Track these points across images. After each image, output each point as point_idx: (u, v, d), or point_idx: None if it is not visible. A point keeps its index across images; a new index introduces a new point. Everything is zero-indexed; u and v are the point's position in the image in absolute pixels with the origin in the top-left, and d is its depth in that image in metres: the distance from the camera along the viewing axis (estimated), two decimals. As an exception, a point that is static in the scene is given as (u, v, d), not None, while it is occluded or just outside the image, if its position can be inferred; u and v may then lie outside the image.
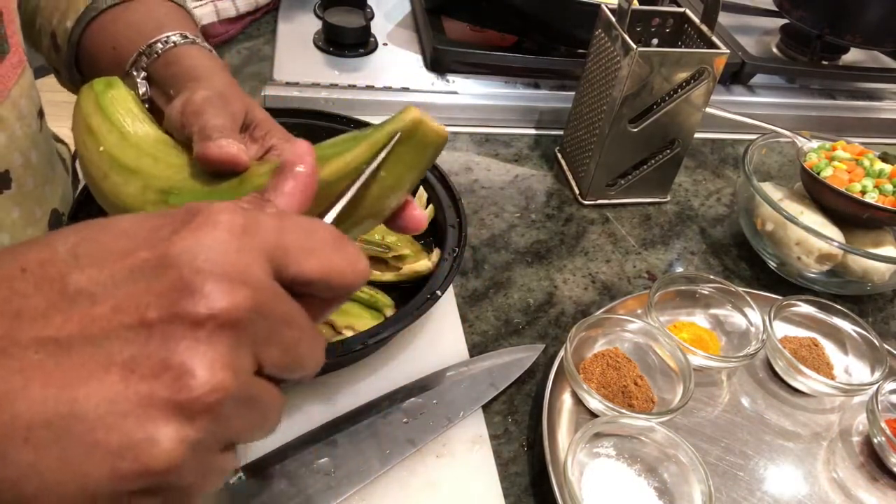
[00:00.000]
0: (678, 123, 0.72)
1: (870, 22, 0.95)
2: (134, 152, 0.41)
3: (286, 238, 0.25)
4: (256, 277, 0.23)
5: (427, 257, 0.59)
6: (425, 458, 0.50)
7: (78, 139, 0.44)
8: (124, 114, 0.43)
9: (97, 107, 0.43)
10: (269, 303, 0.24)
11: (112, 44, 0.50)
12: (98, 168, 0.41)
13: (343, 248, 0.26)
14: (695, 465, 0.49)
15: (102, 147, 0.42)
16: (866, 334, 0.62)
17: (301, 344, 0.25)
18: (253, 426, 0.25)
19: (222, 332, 0.22)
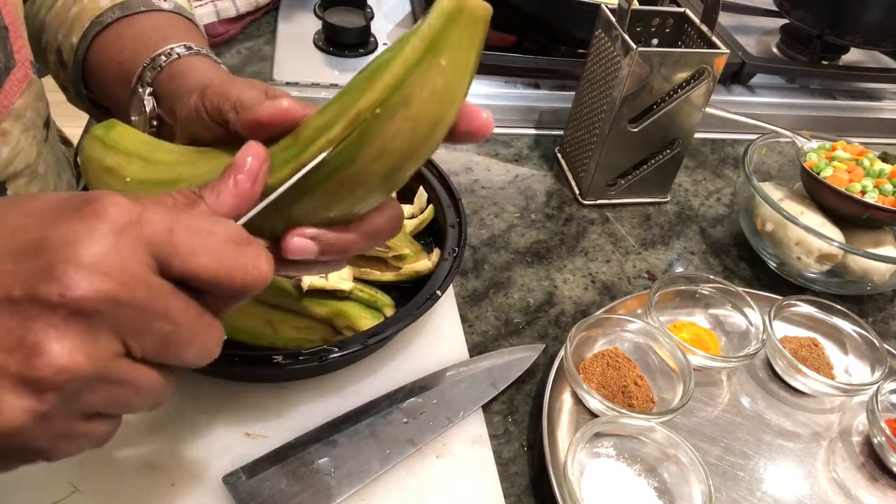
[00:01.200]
0: (678, 123, 0.72)
1: (870, 22, 0.95)
2: (165, 167, 0.39)
3: (176, 237, 0.26)
4: (127, 271, 0.25)
5: (427, 257, 0.59)
6: (425, 458, 0.50)
7: (96, 186, 0.41)
8: (137, 143, 0.41)
9: (106, 147, 0.41)
10: (139, 297, 0.25)
11: (117, 59, 0.49)
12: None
13: (239, 251, 0.28)
14: (695, 465, 0.49)
15: (128, 178, 0.39)
16: (866, 334, 0.62)
17: (178, 336, 0.27)
18: (121, 402, 0.27)
19: (78, 318, 0.24)
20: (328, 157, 0.32)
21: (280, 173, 0.33)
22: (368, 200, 0.35)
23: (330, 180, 0.33)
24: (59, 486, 0.45)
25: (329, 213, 0.35)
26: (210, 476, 0.47)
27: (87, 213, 0.25)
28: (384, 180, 0.33)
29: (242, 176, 0.32)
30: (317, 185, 0.33)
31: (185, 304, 0.27)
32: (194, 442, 0.49)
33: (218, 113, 0.37)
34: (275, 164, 0.34)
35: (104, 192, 0.26)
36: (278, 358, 0.47)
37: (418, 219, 0.64)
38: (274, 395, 0.52)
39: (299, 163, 0.33)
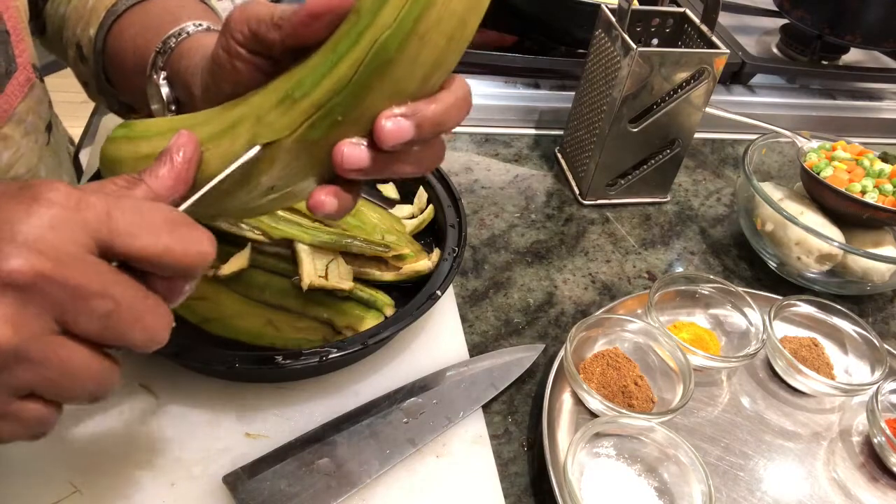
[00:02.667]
0: (678, 123, 0.72)
1: (870, 22, 0.95)
2: (217, 118, 0.36)
3: (115, 219, 0.27)
4: (63, 250, 0.26)
5: (427, 257, 0.59)
6: (425, 458, 0.50)
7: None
8: (166, 124, 0.39)
9: (134, 140, 0.39)
10: (73, 275, 0.26)
11: (132, 47, 0.49)
12: None
13: (179, 231, 0.29)
14: (695, 465, 0.49)
15: None
16: (866, 334, 0.62)
17: (119, 316, 0.27)
18: (55, 383, 0.27)
19: (8, 292, 0.25)
20: (402, 16, 0.30)
21: (355, 52, 0.31)
22: (445, 61, 0.32)
23: (409, 40, 0.31)
24: (59, 486, 0.45)
25: (411, 85, 0.32)
26: (210, 476, 0.47)
27: (25, 198, 0.26)
28: (458, 27, 0.31)
29: (177, 156, 0.33)
30: (394, 55, 0.31)
31: (126, 284, 0.28)
32: (194, 442, 0.49)
33: (254, 40, 0.35)
34: (342, 49, 0.32)
35: (44, 180, 0.27)
36: (278, 358, 0.47)
37: (418, 219, 0.64)
38: (274, 395, 0.52)
39: (371, 37, 0.31)
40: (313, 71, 0.33)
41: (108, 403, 0.50)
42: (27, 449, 0.46)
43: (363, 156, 0.33)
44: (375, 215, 0.60)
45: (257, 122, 0.34)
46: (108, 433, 0.48)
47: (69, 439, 0.47)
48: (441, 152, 0.37)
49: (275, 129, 0.34)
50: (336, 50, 0.32)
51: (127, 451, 0.47)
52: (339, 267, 0.57)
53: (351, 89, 0.32)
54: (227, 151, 0.35)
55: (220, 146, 0.35)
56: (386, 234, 0.58)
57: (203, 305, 0.54)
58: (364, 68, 0.31)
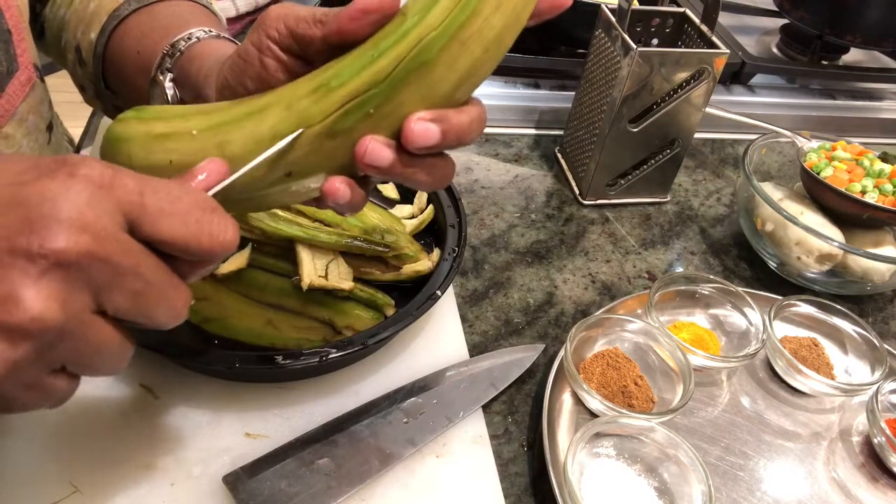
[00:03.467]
0: (678, 123, 0.72)
1: (870, 22, 0.95)
2: (240, 105, 0.36)
3: (146, 199, 0.27)
4: (102, 227, 0.26)
5: (427, 257, 0.59)
6: (425, 458, 0.50)
7: (149, 159, 0.37)
8: (180, 108, 0.38)
9: (147, 120, 0.37)
10: (113, 252, 0.26)
11: (136, 48, 0.49)
12: (205, 150, 0.35)
13: (207, 217, 0.29)
14: (695, 465, 0.49)
15: (194, 130, 0.36)
16: (866, 334, 0.62)
17: (148, 294, 0.28)
18: (85, 358, 0.28)
19: (56, 270, 0.25)
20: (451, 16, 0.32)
21: (399, 48, 0.32)
22: (478, 72, 0.34)
23: (451, 44, 0.32)
24: (59, 486, 0.45)
25: (443, 89, 0.33)
26: (210, 476, 0.47)
27: (61, 174, 0.26)
28: (495, 41, 0.33)
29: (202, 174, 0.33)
30: (436, 56, 0.32)
31: (155, 263, 0.28)
32: (194, 442, 0.49)
33: (290, 38, 0.36)
34: (385, 45, 0.33)
35: (77, 156, 0.27)
36: (278, 358, 0.47)
37: (418, 219, 0.64)
38: (274, 395, 0.52)
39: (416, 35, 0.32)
40: (352, 63, 0.34)
41: (108, 403, 0.50)
42: (27, 449, 0.46)
43: (385, 154, 0.34)
44: (375, 215, 0.60)
45: (287, 109, 0.35)
46: (108, 433, 0.48)
47: (69, 439, 0.47)
48: (451, 171, 0.37)
49: (305, 115, 0.34)
50: (378, 46, 0.33)
51: (127, 451, 0.47)
52: (339, 267, 0.57)
53: (388, 83, 0.33)
54: (252, 132, 0.35)
55: (244, 128, 0.35)
56: (386, 234, 0.58)
57: (203, 305, 0.54)
58: (405, 65, 0.32)
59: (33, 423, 0.48)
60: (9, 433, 0.47)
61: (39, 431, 0.47)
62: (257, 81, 0.37)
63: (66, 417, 0.48)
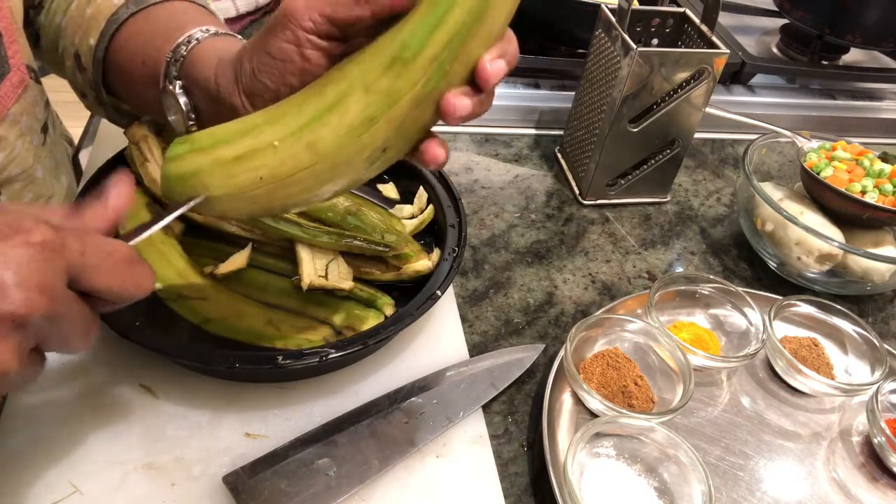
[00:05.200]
0: (678, 123, 0.72)
1: (870, 22, 0.95)
2: (308, 104, 0.37)
3: (85, 258, 0.32)
4: (52, 288, 0.30)
5: (427, 257, 0.59)
6: (425, 458, 0.50)
7: (233, 183, 0.37)
8: (236, 125, 0.38)
9: (206, 149, 0.38)
10: (59, 308, 0.31)
11: (140, 58, 0.49)
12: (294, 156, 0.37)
13: (132, 269, 0.34)
14: (695, 465, 0.49)
15: (276, 142, 0.37)
16: (866, 334, 0.62)
17: (74, 332, 0.33)
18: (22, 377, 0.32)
19: (15, 328, 0.29)
20: None
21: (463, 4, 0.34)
22: (516, 3, 0.36)
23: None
24: (59, 486, 0.45)
25: (498, 26, 0.36)
26: (210, 476, 0.47)
27: (17, 242, 0.30)
28: None
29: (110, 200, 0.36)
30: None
31: (81, 308, 0.33)
32: (194, 442, 0.49)
33: (330, 24, 0.37)
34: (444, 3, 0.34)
35: (27, 219, 0.31)
36: (278, 358, 0.47)
37: (418, 219, 0.64)
38: (274, 395, 0.52)
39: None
40: (417, 30, 0.35)
41: (108, 403, 0.50)
42: (27, 449, 0.46)
43: (468, 103, 0.36)
44: (375, 215, 0.60)
45: (368, 91, 0.35)
46: (108, 433, 0.48)
47: (69, 439, 0.47)
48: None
49: (391, 92, 0.35)
50: (437, 5, 0.34)
51: (127, 451, 0.47)
52: (339, 267, 0.57)
53: (460, 39, 0.35)
54: (341, 124, 0.36)
55: (329, 123, 0.36)
56: (386, 234, 0.58)
57: (203, 305, 0.54)
58: (470, 16, 0.34)
59: (33, 424, 0.48)
60: (9, 433, 0.47)
61: (39, 431, 0.47)
62: (301, 75, 0.38)
63: (67, 417, 0.48)
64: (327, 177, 0.38)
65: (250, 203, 0.38)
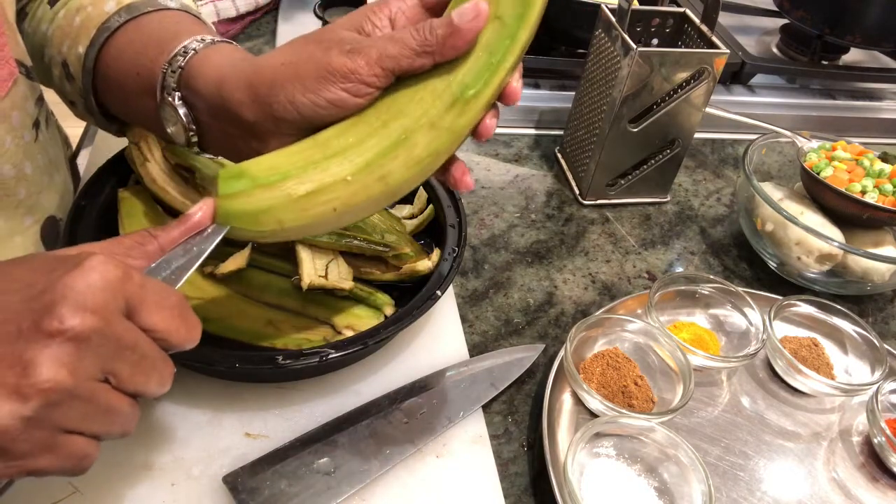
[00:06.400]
0: (678, 123, 0.72)
1: (870, 22, 0.95)
2: (369, 139, 0.40)
3: (145, 293, 0.33)
4: (109, 311, 0.31)
5: (427, 257, 0.59)
6: (425, 458, 0.50)
7: (306, 217, 0.39)
8: (290, 156, 0.40)
9: (269, 184, 0.38)
10: (116, 330, 0.32)
11: (135, 70, 0.48)
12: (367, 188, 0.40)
13: (184, 316, 0.35)
14: (695, 465, 0.49)
15: (348, 176, 0.39)
16: (866, 334, 0.62)
17: (144, 365, 0.33)
18: (97, 422, 0.33)
19: (69, 343, 0.30)
20: None
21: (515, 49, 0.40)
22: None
23: (533, 31, 0.41)
24: (59, 486, 0.45)
25: (521, 55, 0.42)
26: (210, 476, 0.47)
27: (83, 269, 0.31)
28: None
29: (194, 220, 0.38)
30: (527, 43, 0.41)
31: (148, 341, 0.34)
32: (194, 442, 0.49)
33: (393, 72, 0.39)
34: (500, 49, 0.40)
35: (93, 252, 0.33)
36: (278, 358, 0.47)
37: (418, 219, 0.64)
38: (274, 395, 0.52)
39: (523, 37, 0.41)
40: (479, 74, 0.40)
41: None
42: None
43: (495, 123, 0.43)
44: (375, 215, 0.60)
45: (433, 128, 0.40)
46: (108, 433, 0.48)
47: (69, 439, 0.47)
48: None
49: (454, 129, 0.41)
50: (493, 52, 0.40)
51: (127, 451, 0.47)
52: (339, 267, 0.57)
53: (506, 78, 0.41)
54: (409, 158, 0.40)
55: (398, 157, 0.40)
56: (386, 234, 0.58)
57: (203, 305, 0.54)
58: (517, 59, 0.41)
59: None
60: (9, 433, 0.47)
61: (39, 431, 0.47)
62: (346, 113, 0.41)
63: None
64: (390, 200, 0.43)
65: (314, 229, 0.41)
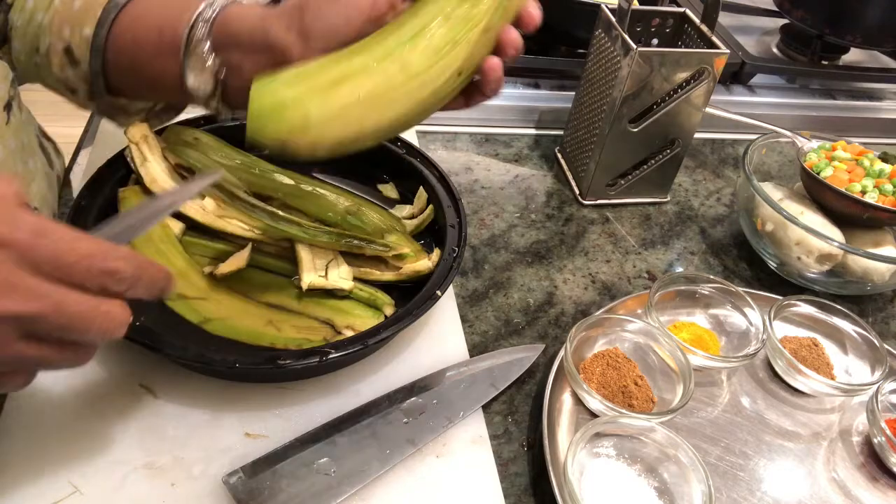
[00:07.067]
0: (678, 123, 0.72)
1: (870, 22, 0.95)
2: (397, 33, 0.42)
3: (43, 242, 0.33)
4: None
5: (427, 257, 0.59)
6: (425, 458, 0.50)
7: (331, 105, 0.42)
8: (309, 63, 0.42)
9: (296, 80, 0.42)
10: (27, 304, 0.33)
11: (157, 29, 0.48)
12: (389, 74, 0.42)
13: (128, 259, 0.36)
14: (695, 465, 0.49)
15: (374, 63, 0.42)
16: (866, 334, 0.62)
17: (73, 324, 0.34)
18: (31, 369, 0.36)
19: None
20: None
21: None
22: None
23: None
24: (59, 486, 0.45)
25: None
26: (210, 476, 0.47)
27: None
28: None
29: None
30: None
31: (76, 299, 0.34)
32: (194, 442, 0.49)
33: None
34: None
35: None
36: (278, 358, 0.47)
37: (418, 219, 0.64)
38: (274, 395, 0.52)
39: None
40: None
41: (108, 403, 0.50)
42: (27, 449, 0.46)
43: (519, 37, 0.45)
44: (375, 215, 0.60)
45: (448, 19, 0.42)
46: (108, 433, 0.48)
47: (69, 439, 0.47)
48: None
49: (469, 17, 0.42)
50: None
51: (127, 451, 0.47)
52: (339, 267, 0.57)
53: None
54: (429, 46, 0.42)
55: (418, 46, 0.42)
56: (386, 234, 0.58)
57: (203, 305, 0.54)
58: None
59: (33, 424, 0.48)
60: (9, 433, 0.47)
61: (39, 431, 0.47)
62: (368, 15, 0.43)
63: (67, 418, 0.48)
64: (416, 96, 0.43)
65: (344, 126, 0.42)
